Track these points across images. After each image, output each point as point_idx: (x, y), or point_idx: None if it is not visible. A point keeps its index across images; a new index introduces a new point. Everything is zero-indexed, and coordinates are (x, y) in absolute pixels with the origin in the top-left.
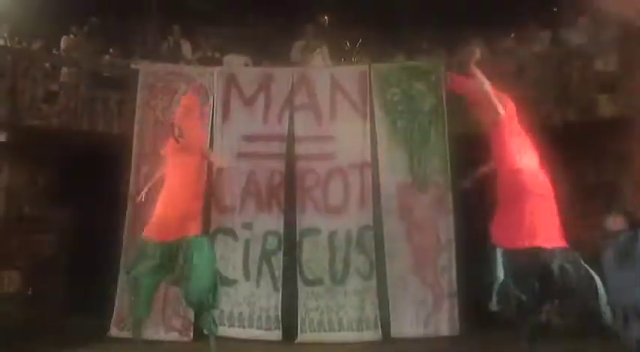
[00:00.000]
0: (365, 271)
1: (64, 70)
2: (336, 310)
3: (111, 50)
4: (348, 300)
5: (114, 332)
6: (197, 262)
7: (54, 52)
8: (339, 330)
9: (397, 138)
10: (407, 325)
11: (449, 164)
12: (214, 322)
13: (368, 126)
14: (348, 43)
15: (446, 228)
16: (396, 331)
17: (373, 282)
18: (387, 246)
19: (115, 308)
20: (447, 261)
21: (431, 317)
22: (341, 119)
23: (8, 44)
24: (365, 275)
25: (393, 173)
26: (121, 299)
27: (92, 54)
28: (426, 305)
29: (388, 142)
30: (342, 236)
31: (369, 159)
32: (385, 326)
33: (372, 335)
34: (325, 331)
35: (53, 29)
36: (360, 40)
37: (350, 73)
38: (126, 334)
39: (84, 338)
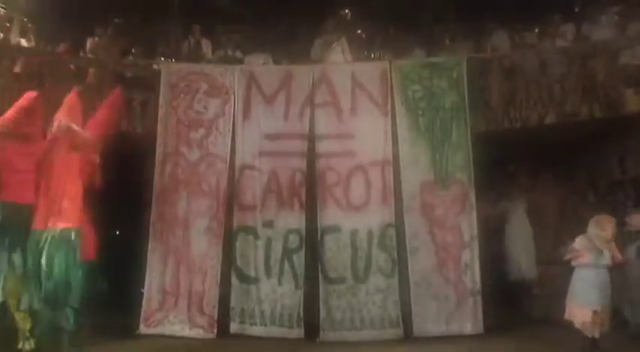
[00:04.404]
0: (387, 269)
1: (90, 70)
2: (358, 308)
3: (133, 50)
4: (370, 298)
5: (142, 329)
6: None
7: (80, 54)
8: (361, 329)
9: (419, 135)
10: (429, 323)
11: (471, 161)
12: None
13: (389, 124)
14: (368, 39)
15: (468, 225)
16: (418, 329)
17: (395, 280)
18: (409, 244)
19: (142, 307)
20: (470, 258)
21: (454, 316)
22: (362, 116)
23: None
24: (387, 274)
25: (414, 170)
26: (148, 298)
27: (116, 55)
28: (449, 303)
29: (410, 139)
30: (364, 234)
31: (390, 156)
32: (407, 324)
33: (394, 333)
34: (347, 329)
35: (78, 31)
36: (381, 36)
37: (370, 70)
38: (154, 330)
39: (115, 335)
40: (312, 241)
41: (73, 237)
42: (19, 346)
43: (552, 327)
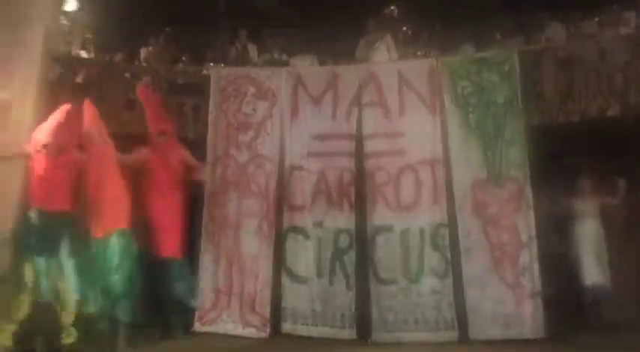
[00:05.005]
0: (440, 270)
1: (144, 78)
2: (411, 309)
3: (183, 58)
4: (423, 299)
5: (197, 327)
6: None
7: (135, 63)
8: (415, 331)
9: (469, 132)
10: (486, 326)
11: (527, 157)
12: None
13: (438, 121)
14: (414, 36)
15: (526, 224)
16: (474, 332)
17: (449, 281)
18: (463, 244)
19: (197, 305)
20: (529, 259)
21: (512, 319)
22: (410, 115)
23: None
24: (440, 274)
25: (466, 168)
26: (202, 297)
27: (168, 62)
28: (507, 306)
29: (460, 137)
30: (416, 234)
31: (440, 154)
32: (463, 327)
33: (449, 336)
34: (400, 331)
35: (133, 42)
36: (427, 33)
37: (417, 68)
38: (208, 329)
39: (170, 333)
40: (363, 241)
41: (128, 238)
42: (63, 339)
43: (619, 334)
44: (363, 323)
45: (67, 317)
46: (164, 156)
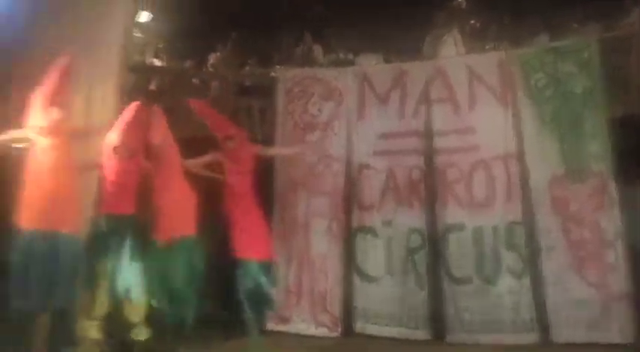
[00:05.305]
0: (517, 269)
1: (213, 83)
2: (488, 310)
3: (250, 61)
4: (500, 300)
5: (270, 326)
6: None
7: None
8: (493, 332)
9: (544, 126)
10: (568, 328)
11: (610, 151)
12: None
13: (510, 115)
14: (483, 29)
15: (610, 221)
16: (556, 335)
17: (527, 281)
18: (541, 243)
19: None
20: (614, 258)
21: (597, 321)
22: (481, 109)
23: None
24: (517, 274)
25: (542, 163)
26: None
27: (235, 67)
28: (591, 307)
29: (535, 131)
30: (489, 232)
31: (513, 150)
32: (543, 328)
33: (529, 338)
34: (477, 332)
35: (202, 49)
36: (497, 25)
37: (487, 61)
38: (281, 328)
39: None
40: (434, 240)
41: (193, 241)
42: (132, 336)
43: None
44: (436, 324)
45: (138, 316)
46: (236, 159)
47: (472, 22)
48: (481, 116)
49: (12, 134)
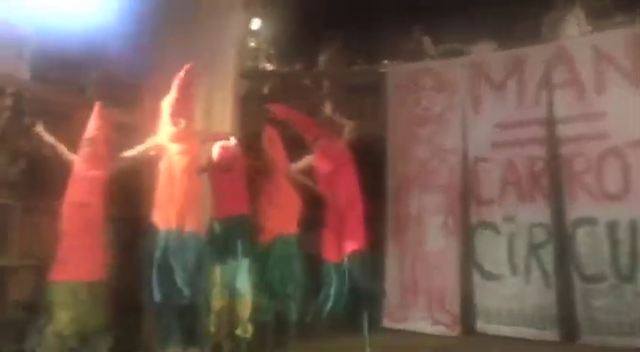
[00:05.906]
0: None
1: (324, 83)
2: (625, 311)
3: (358, 59)
4: (638, 300)
5: (386, 322)
6: None
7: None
8: (631, 334)
9: None
10: None
11: None
12: None
13: None
14: (610, 3)
15: None
16: None
17: None
18: None
19: (385, 302)
20: None
21: None
22: (611, 92)
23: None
24: None
25: None
26: (390, 294)
27: (344, 65)
28: None
29: None
30: (626, 226)
31: None
32: None
33: None
34: (613, 334)
35: (311, 50)
36: None
37: (615, 38)
38: (397, 326)
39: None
40: (560, 235)
41: (295, 241)
42: (237, 331)
43: None
44: (565, 324)
45: (244, 314)
46: (328, 158)
47: None
48: (611, 99)
49: (148, 143)
